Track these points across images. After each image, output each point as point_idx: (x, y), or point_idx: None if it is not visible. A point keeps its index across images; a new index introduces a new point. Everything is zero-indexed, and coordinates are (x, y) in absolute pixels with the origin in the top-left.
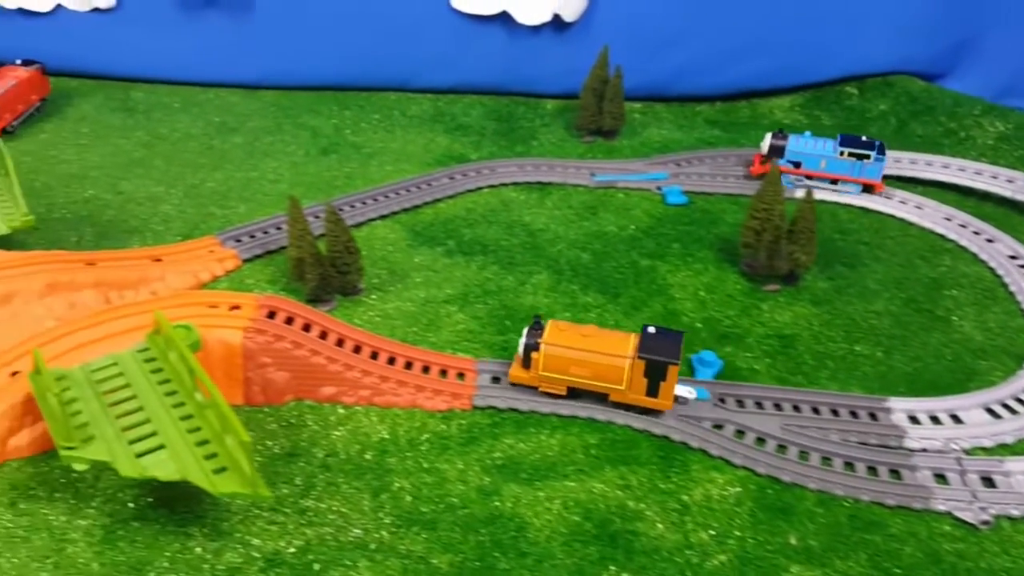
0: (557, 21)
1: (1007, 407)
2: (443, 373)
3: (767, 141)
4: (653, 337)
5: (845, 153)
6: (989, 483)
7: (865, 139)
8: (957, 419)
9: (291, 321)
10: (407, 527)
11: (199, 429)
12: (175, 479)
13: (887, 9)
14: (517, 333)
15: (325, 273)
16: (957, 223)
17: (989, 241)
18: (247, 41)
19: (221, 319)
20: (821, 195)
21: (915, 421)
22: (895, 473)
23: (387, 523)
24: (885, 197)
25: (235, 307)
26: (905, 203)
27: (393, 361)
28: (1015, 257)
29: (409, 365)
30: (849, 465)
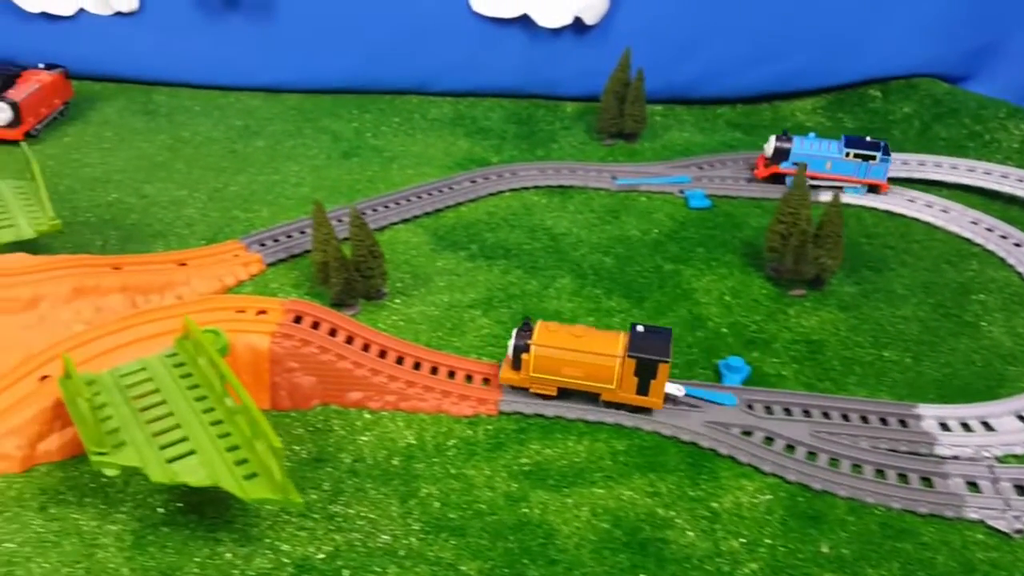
0: (578, 24)
1: None
2: (468, 378)
3: (771, 144)
4: (642, 336)
5: (850, 154)
6: (1022, 491)
7: (870, 140)
8: (988, 426)
9: (317, 326)
10: (436, 533)
11: (229, 434)
12: (205, 485)
13: (911, 11)
14: None
15: (349, 277)
16: (984, 227)
17: (1016, 245)
18: (268, 45)
19: (248, 324)
20: (844, 199)
21: (946, 428)
22: (926, 481)
23: (415, 529)
24: (909, 200)
25: (261, 311)
26: (931, 206)
27: (419, 366)
28: None
29: (435, 370)
30: (880, 472)
